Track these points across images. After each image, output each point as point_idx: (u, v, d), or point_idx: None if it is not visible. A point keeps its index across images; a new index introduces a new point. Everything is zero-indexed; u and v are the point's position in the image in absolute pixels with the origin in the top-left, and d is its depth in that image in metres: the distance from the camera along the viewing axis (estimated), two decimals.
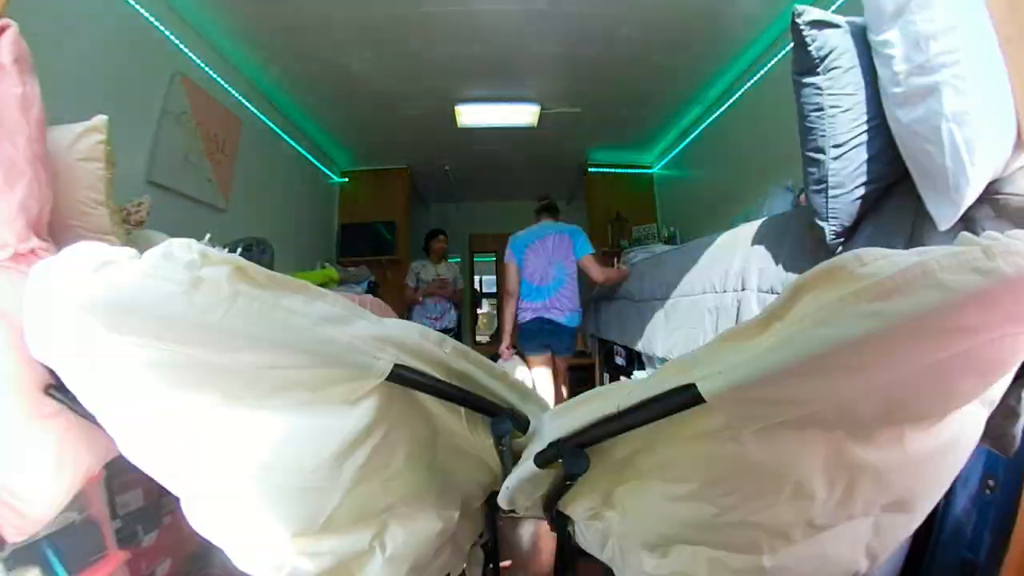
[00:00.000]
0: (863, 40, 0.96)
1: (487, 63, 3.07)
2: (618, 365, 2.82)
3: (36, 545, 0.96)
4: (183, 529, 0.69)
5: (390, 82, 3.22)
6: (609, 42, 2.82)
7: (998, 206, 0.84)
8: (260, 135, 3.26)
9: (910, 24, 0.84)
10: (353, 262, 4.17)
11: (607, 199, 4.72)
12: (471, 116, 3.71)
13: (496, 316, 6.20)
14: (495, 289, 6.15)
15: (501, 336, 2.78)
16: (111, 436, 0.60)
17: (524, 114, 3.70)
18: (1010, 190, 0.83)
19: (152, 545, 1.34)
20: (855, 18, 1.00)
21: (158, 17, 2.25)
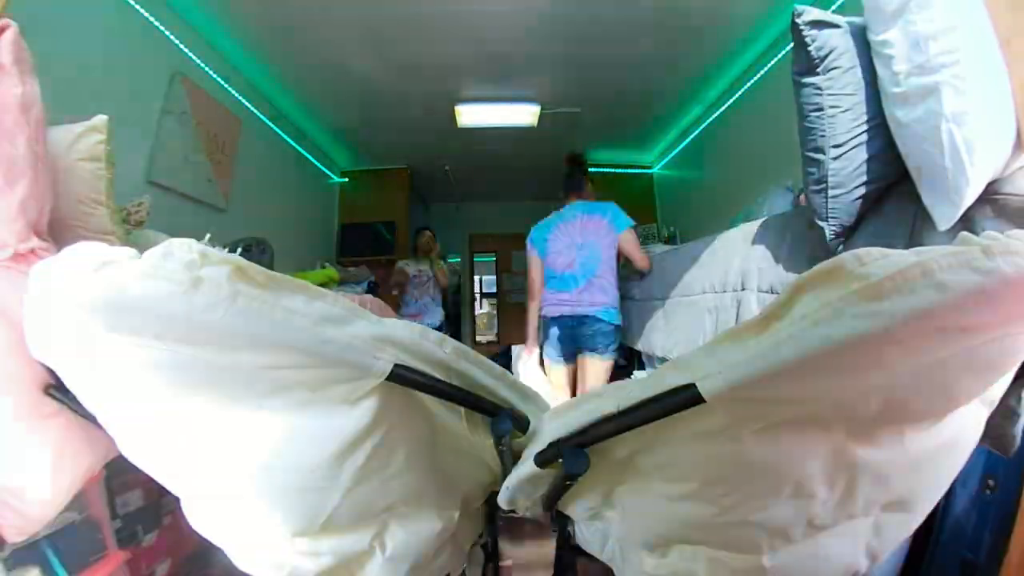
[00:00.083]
0: (863, 40, 0.96)
1: (487, 63, 3.07)
2: (618, 365, 2.82)
3: (36, 545, 0.96)
4: (183, 529, 0.69)
5: (390, 82, 3.22)
6: (609, 42, 2.83)
7: (998, 206, 0.84)
8: (260, 135, 3.26)
9: (910, 24, 0.84)
10: (353, 262, 4.18)
11: (607, 199, 4.69)
12: (471, 116, 3.71)
13: (496, 316, 6.20)
14: (495, 289, 6.16)
15: (526, 340, 2.33)
16: (111, 436, 0.60)
17: (524, 114, 3.70)
18: (1010, 190, 0.83)
19: (152, 545, 1.34)
20: (855, 18, 1.00)
21: (158, 17, 2.25)
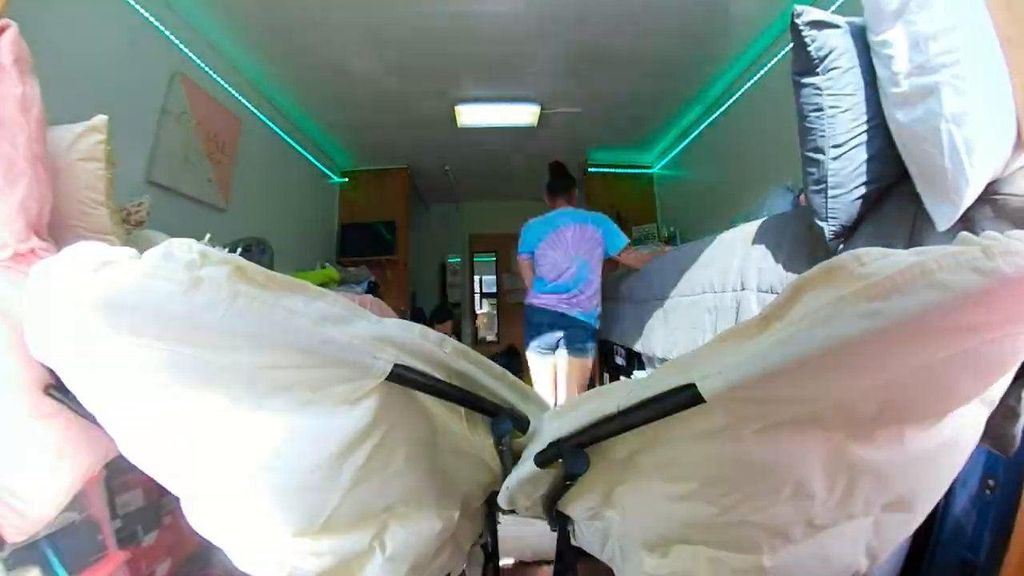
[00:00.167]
0: (863, 40, 0.96)
1: (487, 63, 3.07)
2: (618, 365, 2.83)
3: (36, 545, 0.96)
4: (183, 529, 0.69)
5: (390, 82, 3.21)
6: (609, 42, 2.82)
7: (997, 206, 0.84)
8: (260, 135, 3.26)
9: (910, 24, 0.84)
10: (353, 262, 4.18)
11: (607, 199, 4.70)
12: (471, 116, 3.71)
13: (496, 316, 6.23)
14: (495, 289, 6.18)
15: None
16: (111, 436, 0.60)
17: (524, 114, 3.70)
18: (1009, 190, 0.83)
19: (152, 545, 1.33)
20: (855, 18, 1.00)
21: (158, 17, 2.25)
